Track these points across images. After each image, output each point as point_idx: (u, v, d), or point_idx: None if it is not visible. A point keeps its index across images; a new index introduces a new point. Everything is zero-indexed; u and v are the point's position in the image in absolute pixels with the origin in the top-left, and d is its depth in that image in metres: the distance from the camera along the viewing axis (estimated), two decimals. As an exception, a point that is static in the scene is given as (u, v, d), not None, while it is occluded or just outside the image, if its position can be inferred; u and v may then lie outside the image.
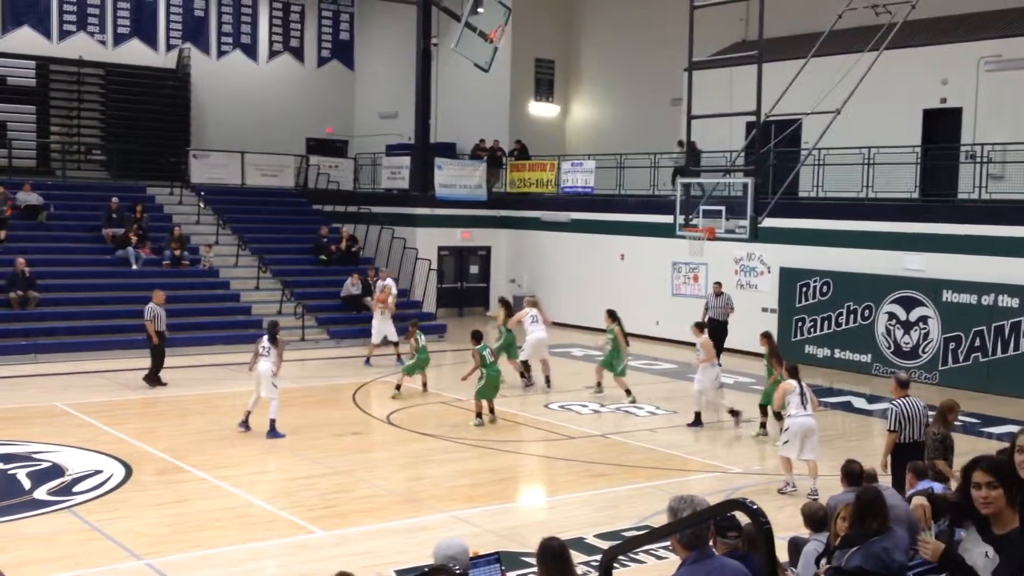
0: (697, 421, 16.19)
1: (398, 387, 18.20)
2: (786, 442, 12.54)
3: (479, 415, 15.95)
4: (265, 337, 15.38)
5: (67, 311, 22.33)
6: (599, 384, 18.72)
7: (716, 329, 21.40)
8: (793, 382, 12.80)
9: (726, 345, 21.36)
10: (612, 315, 18.44)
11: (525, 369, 19.20)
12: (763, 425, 15.60)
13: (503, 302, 19.90)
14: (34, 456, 13.32)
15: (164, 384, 18.48)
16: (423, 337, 18.44)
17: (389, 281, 22.69)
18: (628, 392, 18.01)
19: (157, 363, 18.52)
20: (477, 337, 16.34)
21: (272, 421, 14.86)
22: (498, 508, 11.86)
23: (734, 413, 16.31)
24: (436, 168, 29.07)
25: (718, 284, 22.00)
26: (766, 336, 15.63)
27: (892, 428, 10.94)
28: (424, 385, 18.58)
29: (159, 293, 18.82)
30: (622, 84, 32.15)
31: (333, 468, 13.38)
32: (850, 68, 19.07)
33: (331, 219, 28.99)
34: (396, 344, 21.76)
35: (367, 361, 21.49)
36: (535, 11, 32.44)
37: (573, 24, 33.64)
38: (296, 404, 17.64)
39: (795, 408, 12.58)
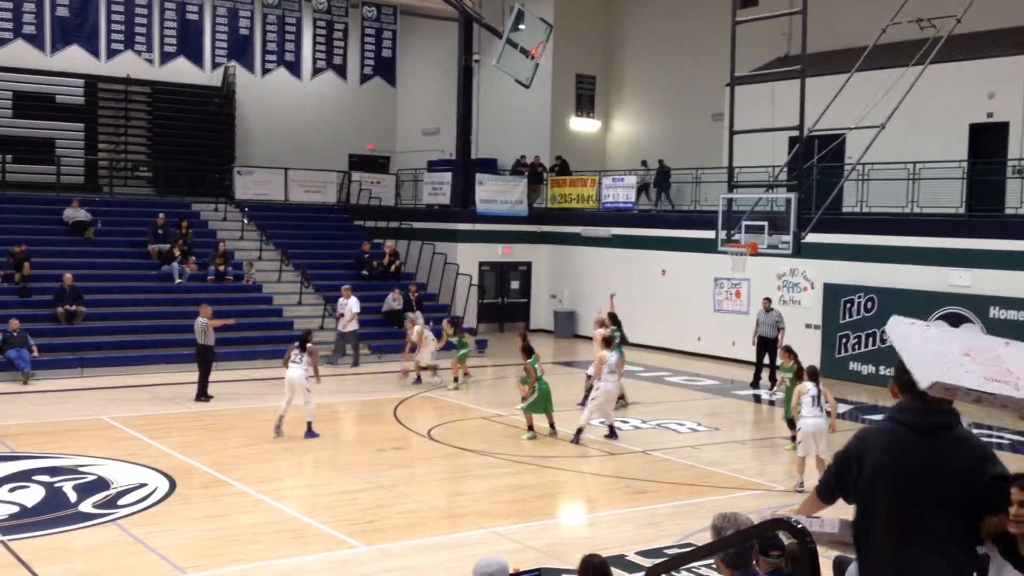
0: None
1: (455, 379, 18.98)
2: (799, 443, 13.15)
3: (531, 428, 16.03)
4: (296, 345, 15.83)
5: (113, 326, 22.62)
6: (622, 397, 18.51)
7: (765, 346, 21.21)
8: (809, 384, 13.20)
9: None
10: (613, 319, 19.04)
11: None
12: (793, 439, 15.36)
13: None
14: (80, 469, 13.48)
15: (211, 397, 18.66)
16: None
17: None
18: (622, 397, 18.21)
19: (205, 377, 18.71)
20: (528, 351, 16.27)
21: (309, 423, 15.44)
22: (539, 525, 11.82)
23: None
24: (477, 184, 29.17)
25: (768, 300, 21.72)
26: (789, 351, 15.56)
27: None
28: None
29: (206, 307, 19.02)
30: (663, 99, 32.09)
31: (374, 483, 13.42)
32: (895, 82, 18.91)
33: (373, 235, 29.16)
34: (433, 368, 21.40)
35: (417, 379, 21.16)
36: (576, 27, 32.51)
37: (614, 40, 33.66)
38: (338, 419, 17.75)
39: (806, 409, 13.06)
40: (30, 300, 22.27)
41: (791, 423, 15.20)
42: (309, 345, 15.87)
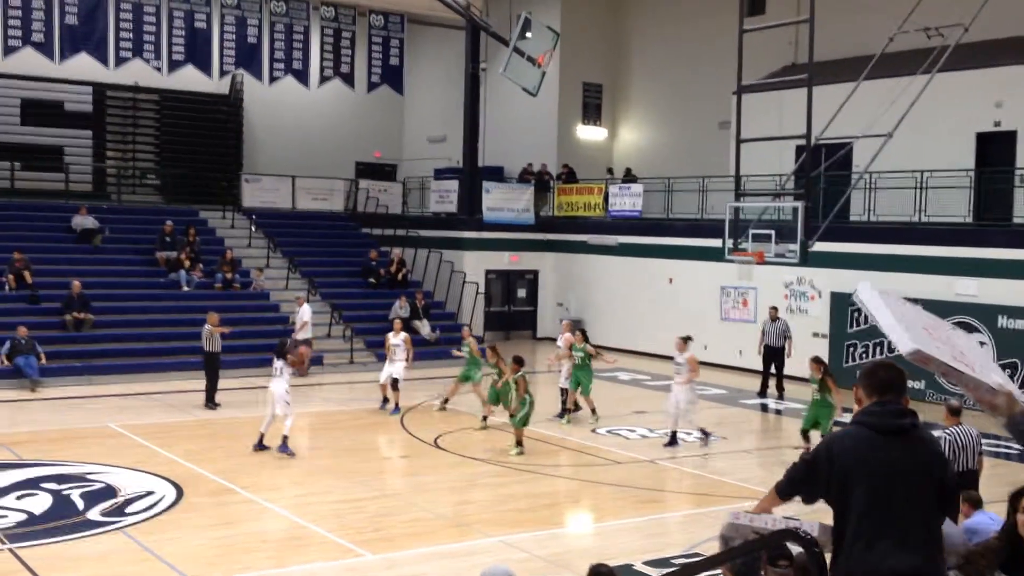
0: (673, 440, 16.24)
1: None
2: None
3: (520, 443, 15.64)
4: (275, 356, 15.59)
5: (120, 333, 22.66)
6: (576, 406, 18.37)
7: (771, 356, 21.17)
8: None
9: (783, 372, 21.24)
10: (583, 334, 18.79)
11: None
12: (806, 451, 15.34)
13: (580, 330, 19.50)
14: (88, 477, 13.50)
15: (218, 405, 18.70)
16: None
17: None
18: (593, 411, 18.18)
19: (213, 384, 18.75)
20: (520, 362, 16.12)
21: (284, 437, 15.00)
22: (546, 534, 11.81)
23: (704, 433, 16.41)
24: (484, 192, 29.20)
25: (774, 309, 21.68)
26: (819, 362, 15.14)
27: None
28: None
29: (213, 315, 19.07)
30: (670, 108, 32.11)
31: (381, 491, 13.42)
32: (902, 91, 18.90)
33: (380, 243, 29.19)
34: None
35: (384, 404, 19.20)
36: (583, 36, 32.55)
37: (621, 48, 33.69)
38: (344, 427, 17.75)
39: None
40: (38, 307, 22.32)
41: (805, 435, 15.04)
42: (289, 356, 15.61)
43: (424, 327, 25.25)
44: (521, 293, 30.59)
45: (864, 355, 21.94)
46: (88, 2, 26.70)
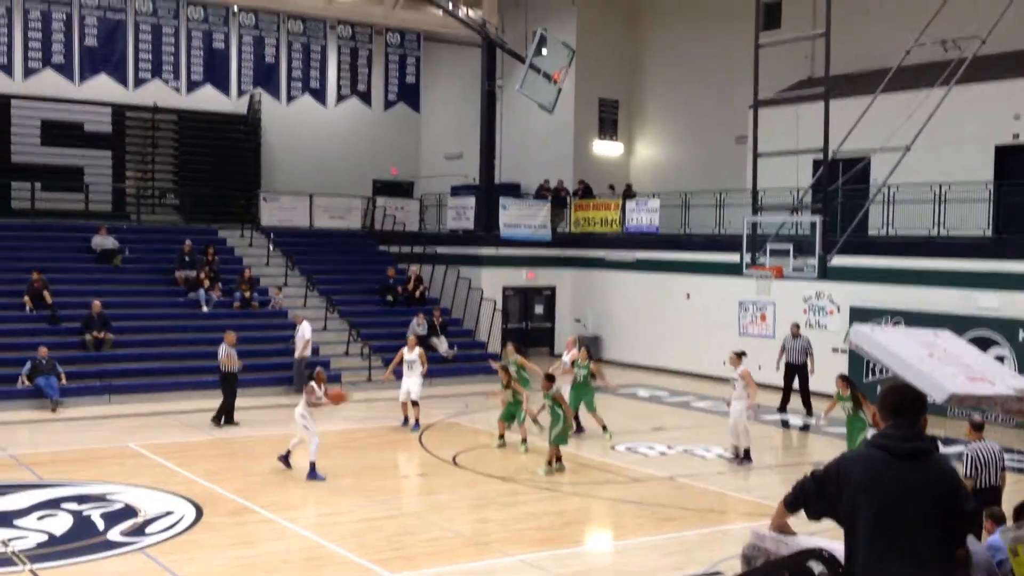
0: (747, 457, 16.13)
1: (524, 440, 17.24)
2: None
3: (552, 461, 15.40)
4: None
5: (140, 352, 22.76)
6: (579, 426, 18.18)
7: (793, 372, 21.01)
8: None
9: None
10: (588, 351, 18.69)
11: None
12: None
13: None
14: (108, 497, 13.54)
15: (236, 424, 18.75)
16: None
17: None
18: (604, 428, 17.98)
19: (228, 403, 18.81)
20: (551, 379, 15.91)
21: (312, 464, 14.83)
22: (566, 552, 11.76)
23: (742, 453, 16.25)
24: (501, 208, 29.24)
25: (796, 326, 21.52)
26: (846, 380, 14.91)
27: (968, 473, 10.62)
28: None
29: (230, 334, 19.14)
30: (686, 122, 32.11)
31: (400, 510, 13.40)
32: (919, 104, 18.84)
33: (397, 260, 29.25)
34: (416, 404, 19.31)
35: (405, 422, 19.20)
36: (598, 52, 32.61)
37: (636, 64, 33.73)
38: (362, 445, 17.75)
39: None
40: (59, 328, 22.45)
41: None
42: (310, 384, 15.33)
43: (442, 344, 25.26)
44: (539, 309, 30.57)
45: (884, 370, 21.78)
46: (108, 24, 26.94)
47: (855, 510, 4.62)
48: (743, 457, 16.19)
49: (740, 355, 16.66)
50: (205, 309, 24.62)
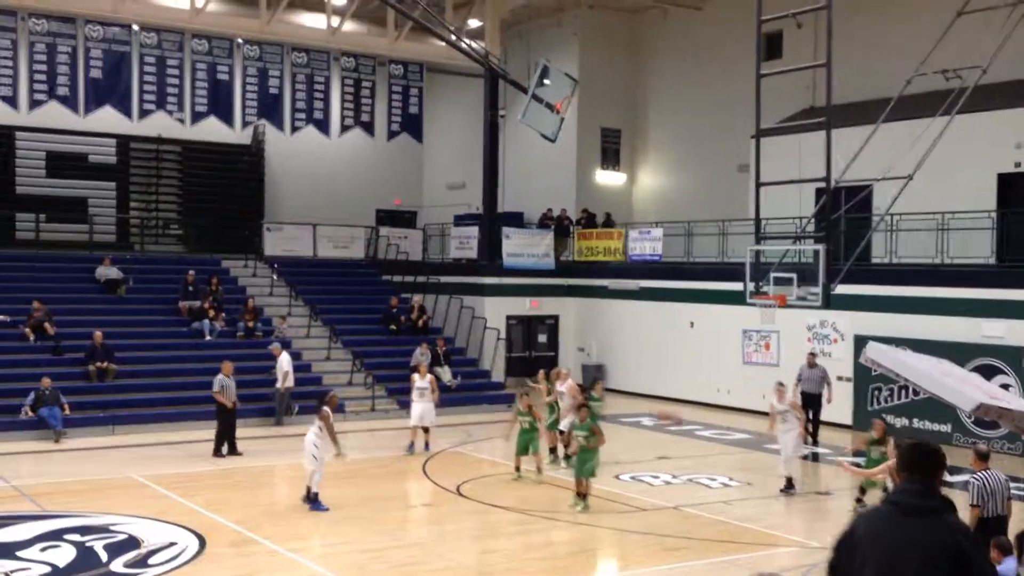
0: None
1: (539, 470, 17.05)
2: None
3: (583, 495, 15.00)
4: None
5: (144, 383, 22.75)
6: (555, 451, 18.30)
7: (808, 402, 20.84)
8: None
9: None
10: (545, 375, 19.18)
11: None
12: (859, 500, 14.89)
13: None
14: (111, 528, 13.49)
15: (240, 454, 18.69)
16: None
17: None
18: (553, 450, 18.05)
19: (223, 434, 18.73)
20: (587, 408, 15.64)
21: (315, 494, 14.69)
22: (571, 583, 11.69)
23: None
24: (504, 237, 29.29)
25: (812, 355, 21.34)
26: (884, 424, 14.53)
27: (975, 503, 10.55)
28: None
29: (227, 364, 19.13)
30: (688, 151, 32.21)
31: (404, 540, 13.34)
32: (921, 133, 18.90)
33: (400, 289, 29.28)
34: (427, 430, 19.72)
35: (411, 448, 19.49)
36: (601, 82, 32.77)
37: (639, 93, 33.89)
38: (366, 475, 17.68)
39: None
40: (62, 358, 22.45)
41: (862, 490, 14.79)
42: (324, 408, 15.07)
43: (445, 374, 25.23)
44: (542, 338, 30.55)
45: (889, 398, 21.75)
46: (112, 56, 27.16)
47: (863, 567, 4.59)
48: (789, 484, 16.08)
49: (783, 385, 16.77)
50: (209, 339, 24.63)
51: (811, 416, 20.81)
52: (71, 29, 26.67)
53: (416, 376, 19.82)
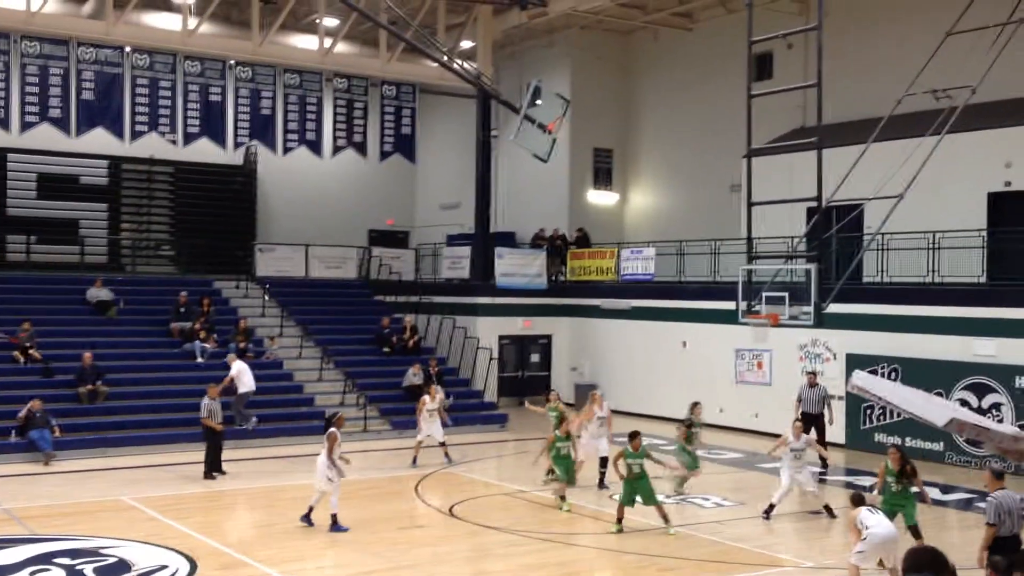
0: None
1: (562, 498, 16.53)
2: (860, 552, 11.36)
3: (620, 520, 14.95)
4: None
5: (134, 404, 22.64)
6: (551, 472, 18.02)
7: (809, 423, 20.75)
8: (858, 510, 11.61)
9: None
10: (557, 396, 19.50)
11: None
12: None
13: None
14: (101, 551, 13.40)
15: (224, 473, 18.60)
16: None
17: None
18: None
19: (212, 456, 18.66)
20: (639, 436, 15.10)
21: (333, 515, 14.71)
22: (564, 604, 11.63)
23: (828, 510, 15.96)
24: (496, 257, 29.30)
25: (812, 375, 21.19)
26: (900, 452, 13.46)
27: (992, 521, 10.53)
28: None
29: (213, 388, 19.07)
30: (681, 171, 32.31)
31: (397, 562, 13.26)
32: (912, 153, 18.98)
33: (393, 309, 29.25)
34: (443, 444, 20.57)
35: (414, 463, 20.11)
36: (593, 102, 32.89)
37: (631, 114, 34.01)
38: (358, 496, 17.59)
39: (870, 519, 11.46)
40: (52, 380, 22.36)
41: (915, 532, 13.48)
42: (331, 430, 15.02)
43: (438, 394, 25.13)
44: (535, 358, 30.52)
45: (881, 417, 21.75)
46: (105, 78, 27.16)
47: None
48: (829, 511, 15.92)
49: (800, 422, 16.81)
50: (200, 360, 24.55)
51: (816, 438, 20.69)
52: (63, 51, 26.68)
53: (427, 398, 20.38)
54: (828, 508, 15.97)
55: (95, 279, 26.18)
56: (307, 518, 14.91)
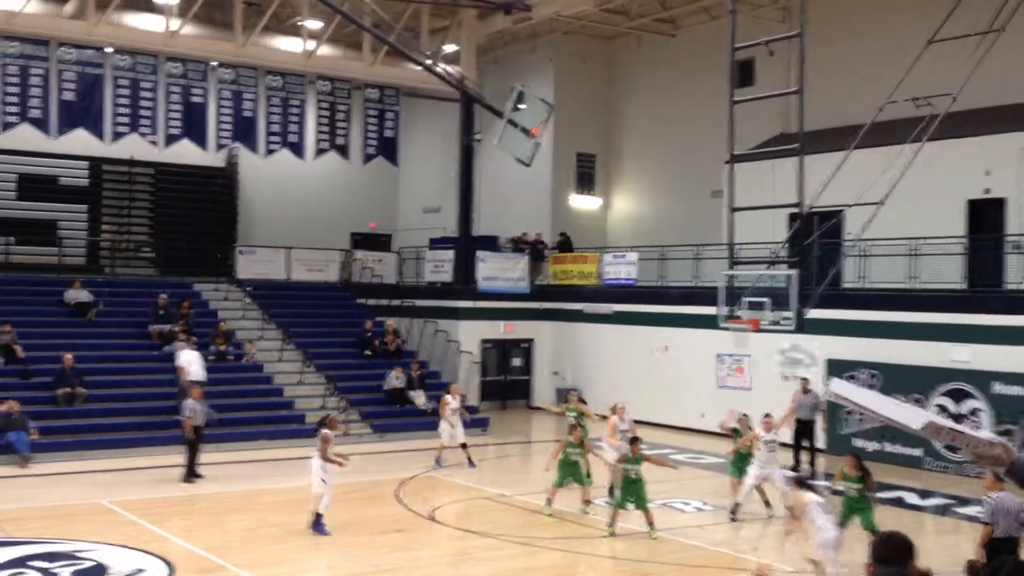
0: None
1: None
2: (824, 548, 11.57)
3: (653, 523, 14.86)
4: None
5: (113, 407, 22.48)
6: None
7: (802, 430, 20.77)
8: (806, 495, 11.87)
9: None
10: (579, 397, 19.64)
11: None
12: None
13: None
14: (77, 555, 13.30)
15: (201, 477, 18.51)
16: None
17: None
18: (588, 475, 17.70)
19: (192, 459, 18.56)
20: (639, 442, 15.27)
21: (319, 515, 14.70)
22: (544, 609, 11.61)
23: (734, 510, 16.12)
24: (479, 261, 29.29)
25: (805, 380, 21.14)
26: (856, 457, 13.92)
27: (988, 521, 10.63)
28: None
29: (197, 389, 18.96)
30: (663, 176, 32.38)
31: (377, 567, 13.22)
32: (893, 160, 19.07)
33: (375, 313, 29.17)
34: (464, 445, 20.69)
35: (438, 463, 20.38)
36: (576, 107, 32.93)
37: (614, 119, 34.07)
38: (339, 500, 17.49)
39: (820, 519, 11.58)
40: (30, 382, 22.19)
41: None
42: (324, 431, 15.15)
43: (419, 397, 25.13)
44: (516, 362, 30.51)
45: (861, 422, 21.82)
46: (86, 79, 26.99)
47: None
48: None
49: (771, 417, 16.63)
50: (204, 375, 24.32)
51: (808, 444, 20.76)
52: (44, 51, 26.50)
53: (448, 397, 20.67)
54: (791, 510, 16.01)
55: (74, 280, 25.99)
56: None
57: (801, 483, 12.26)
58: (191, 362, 22.26)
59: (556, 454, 16.47)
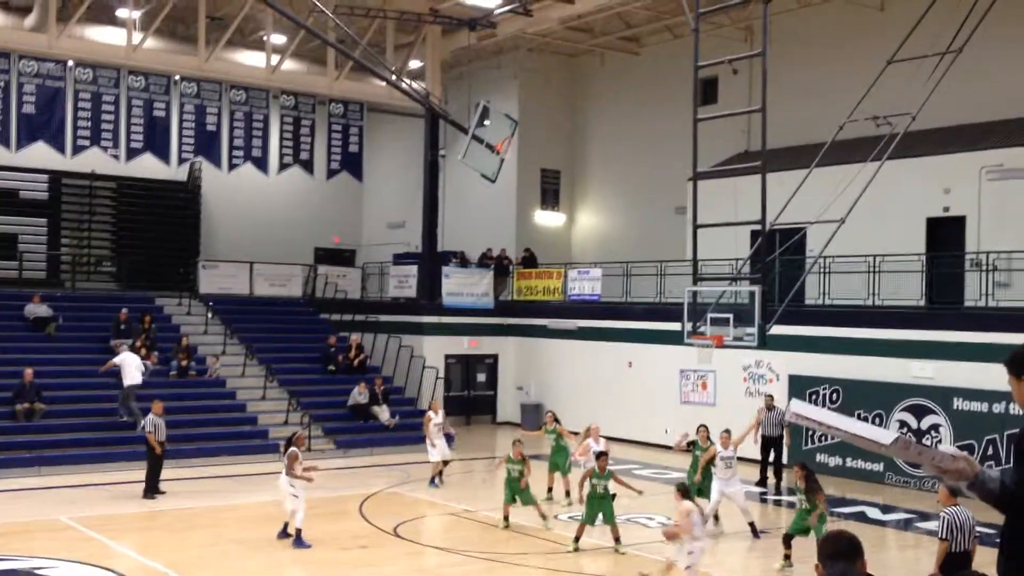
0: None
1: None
2: (693, 554, 12.18)
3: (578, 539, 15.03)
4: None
5: (72, 423, 22.20)
6: (551, 489, 18.59)
7: (768, 445, 20.85)
8: (688, 503, 12.47)
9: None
10: (554, 417, 19.21)
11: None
12: (787, 557, 14.18)
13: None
14: (36, 572, 13.11)
15: (162, 493, 18.31)
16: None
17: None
18: (568, 493, 18.08)
19: (155, 473, 18.37)
20: (606, 456, 15.53)
21: (297, 531, 14.72)
22: (508, 625, 11.58)
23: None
24: (443, 277, 29.25)
25: (770, 397, 21.26)
26: (805, 469, 14.20)
27: (944, 537, 10.70)
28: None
29: (158, 403, 18.80)
30: (627, 193, 32.55)
31: (340, 583, 13.13)
32: (853, 178, 19.29)
33: (338, 328, 29.05)
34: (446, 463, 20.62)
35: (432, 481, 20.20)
36: (541, 123, 33.07)
37: (578, 135, 34.24)
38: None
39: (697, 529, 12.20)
40: (-12, 397, 21.87)
41: (787, 540, 14.13)
42: (292, 449, 15.20)
43: (383, 413, 25.04)
44: (481, 377, 30.48)
45: (823, 438, 21.99)
46: (46, 91, 26.75)
47: None
48: (753, 530, 16.07)
49: (729, 433, 16.68)
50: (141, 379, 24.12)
51: (772, 459, 20.87)
52: (4, 64, 26.23)
53: (431, 414, 20.36)
54: (752, 526, 16.10)
55: (33, 295, 25.66)
56: (285, 533, 14.94)
57: (685, 492, 12.76)
58: (126, 363, 21.95)
59: (499, 466, 16.95)
